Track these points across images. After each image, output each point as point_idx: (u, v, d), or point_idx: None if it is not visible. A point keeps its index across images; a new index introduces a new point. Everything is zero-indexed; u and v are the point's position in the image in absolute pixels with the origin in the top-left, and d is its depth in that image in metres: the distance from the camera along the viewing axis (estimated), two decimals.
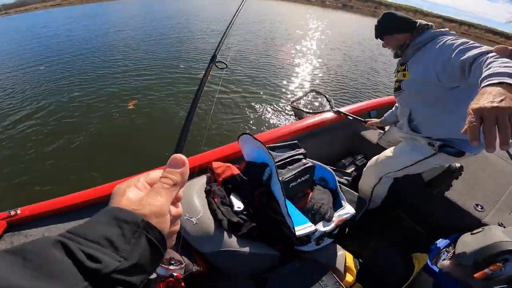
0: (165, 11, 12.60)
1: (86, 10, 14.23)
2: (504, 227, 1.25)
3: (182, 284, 0.92)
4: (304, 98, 2.66)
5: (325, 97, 2.35)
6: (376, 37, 1.46)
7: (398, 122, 1.55)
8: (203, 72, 0.92)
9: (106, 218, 0.28)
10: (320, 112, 2.04)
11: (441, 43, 1.16)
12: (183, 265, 0.86)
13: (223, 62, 0.94)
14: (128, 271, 0.26)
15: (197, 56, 6.28)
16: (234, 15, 1.15)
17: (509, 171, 1.86)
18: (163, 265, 0.88)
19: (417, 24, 1.31)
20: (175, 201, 0.36)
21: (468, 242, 1.12)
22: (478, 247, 1.05)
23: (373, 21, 1.45)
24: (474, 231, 1.19)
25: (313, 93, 2.67)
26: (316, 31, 11.37)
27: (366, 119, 1.85)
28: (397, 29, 1.35)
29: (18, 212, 1.11)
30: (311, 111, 2.18)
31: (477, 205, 1.55)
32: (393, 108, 1.71)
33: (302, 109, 2.27)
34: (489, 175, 1.78)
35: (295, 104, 2.45)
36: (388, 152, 1.53)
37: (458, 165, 1.54)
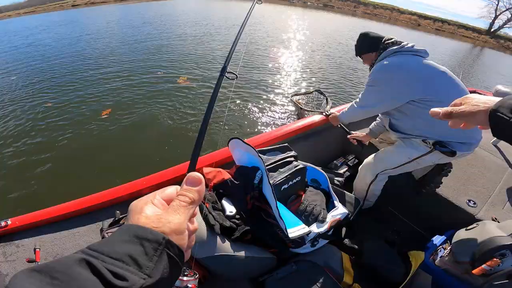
0: (141, 17, 12.30)
1: (61, 17, 13.75)
2: (498, 221, 1.25)
3: None
4: (307, 95, 2.65)
5: (326, 99, 2.35)
6: (356, 55, 1.59)
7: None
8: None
9: (127, 236, 0.28)
10: (313, 111, 2.01)
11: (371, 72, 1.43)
12: (197, 276, 0.82)
13: (233, 73, 0.95)
14: None
15: (175, 61, 6.14)
16: (243, 25, 1.16)
17: (499, 165, 1.88)
18: None
19: (381, 43, 1.43)
20: (191, 217, 0.36)
21: (464, 239, 1.11)
22: (474, 243, 1.04)
23: (353, 20, 1.51)
24: (469, 227, 1.19)
25: (317, 92, 2.67)
26: (300, 31, 11.48)
27: (351, 131, 1.84)
28: (369, 48, 1.48)
29: (9, 222, 1.12)
30: (308, 108, 2.16)
31: (469, 200, 1.55)
32: (377, 119, 1.74)
33: (300, 104, 2.26)
34: (480, 170, 1.79)
35: (295, 98, 2.44)
36: (385, 150, 1.55)
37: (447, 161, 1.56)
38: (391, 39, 1.43)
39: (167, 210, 0.32)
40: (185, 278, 0.84)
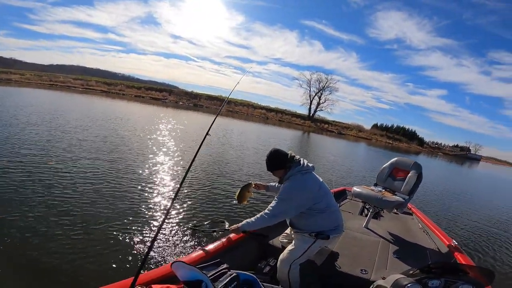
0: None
1: None
2: (384, 278, 1.72)
3: None
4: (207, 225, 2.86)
5: (224, 221, 2.71)
6: (268, 170, 2.02)
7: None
8: None
9: None
10: (215, 231, 2.44)
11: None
12: None
13: None
14: None
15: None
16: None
17: (372, 241, 2.70)
18: None
19: (287, 161, 1.93)
20: None
21: None
22: None
23: (222, 120, 2.02)
24: None
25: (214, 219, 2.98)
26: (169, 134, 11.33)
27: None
28: (279, 166, 1.97)
29: None
30: (211, 229, 2.46)
31: (361, 270, 2.08)
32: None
33: (201, 229, 2.52)
34: (358, 247, 2.48)
35: (196, 227, 2.63)
36: (289, 246, 2.10)
37: (334, 250, 2.28)
38: (294, 157, 1.96)
39: None
40: None
